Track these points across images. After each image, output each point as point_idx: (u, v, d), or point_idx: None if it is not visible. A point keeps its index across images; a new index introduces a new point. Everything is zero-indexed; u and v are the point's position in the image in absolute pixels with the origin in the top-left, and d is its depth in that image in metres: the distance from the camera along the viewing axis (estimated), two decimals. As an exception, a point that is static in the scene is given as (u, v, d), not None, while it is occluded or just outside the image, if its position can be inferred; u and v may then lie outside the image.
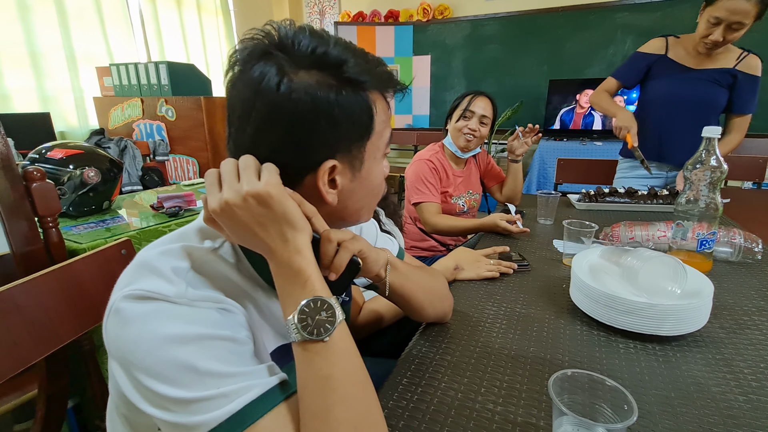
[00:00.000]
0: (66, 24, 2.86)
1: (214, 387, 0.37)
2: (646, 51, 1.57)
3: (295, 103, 0.41)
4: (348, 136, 0.44)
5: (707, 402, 0.53)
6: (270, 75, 0.41)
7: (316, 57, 0.42)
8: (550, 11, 3.49)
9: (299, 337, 0.40)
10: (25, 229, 0.95)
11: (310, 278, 0.41)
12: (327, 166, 0.44)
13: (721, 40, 1.34)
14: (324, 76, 0.42)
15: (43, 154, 1.38)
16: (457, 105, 1.44)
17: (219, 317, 0.41)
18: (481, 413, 0.51)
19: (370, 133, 0.46)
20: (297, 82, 0.41)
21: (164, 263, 0.42)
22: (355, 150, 0.46)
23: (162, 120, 2.85)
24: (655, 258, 0.70)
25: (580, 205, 1.47)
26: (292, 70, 0.41)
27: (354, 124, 0.44)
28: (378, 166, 0.50)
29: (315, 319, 0.40)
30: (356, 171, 0.47)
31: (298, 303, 0.40)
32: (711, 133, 0.87)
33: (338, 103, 0.42)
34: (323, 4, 4.39)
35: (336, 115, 0.42)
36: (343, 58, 0.43)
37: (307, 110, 0.41)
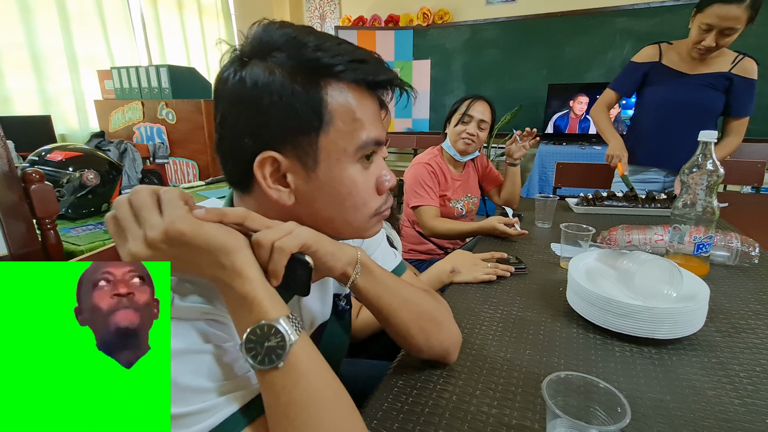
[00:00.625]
0: (68, 27, 2.87)
1: (196, 402, 0.36)
2: (640, 60, 1.58)
3: (230, 91, 0.41)
4: (283, 129, 0.41)
5: (702, 405, 0.53)
6: (225, 68, 0.42)
7: (261, 44, 0.41)
8: (549, 16, 3.51)
9: (252, 366, 0.37)
10: (23, 231, 0.95)
11: (255, 300, 0.37)
12: (262, 157, 0.41)
13: (714, 45, 1.35)
14: (267, 63, 0.41)
15: (42, 156, 1.39)
16: (456, 109, 1.45)
17: (204, 328, 0.39)
18: (476, 416, 0.51)
19: (320, 129, 0.41)
20: (240, 72, 0.41)
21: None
22: (303, 144, 0.42)
23: (162, 123, 2.86)
24: (651, 261, 0.70)
25: (578, 208, 1.47)
26: (245, 61, 0.42)
27: (289, 114, 0.40)
28: (347, 170, 0.44)
29: (264, 346, 0.37)
30: (309, 170, 0.43)
31: (244, 331, 0.37)
32: (707, 137, 0.87)
33: (269, 89, 0.40)
34: (324, 9, 4.42)
35: (264, 103, 0.40)
36: (288, 41, 0.41)
37: (236, 98, 0.41)
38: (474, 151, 1.46)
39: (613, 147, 1.55)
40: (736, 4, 1.26)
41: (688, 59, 1.48)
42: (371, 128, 0.44)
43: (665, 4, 3.12)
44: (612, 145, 1.56)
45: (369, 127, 0.44)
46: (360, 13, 4.17)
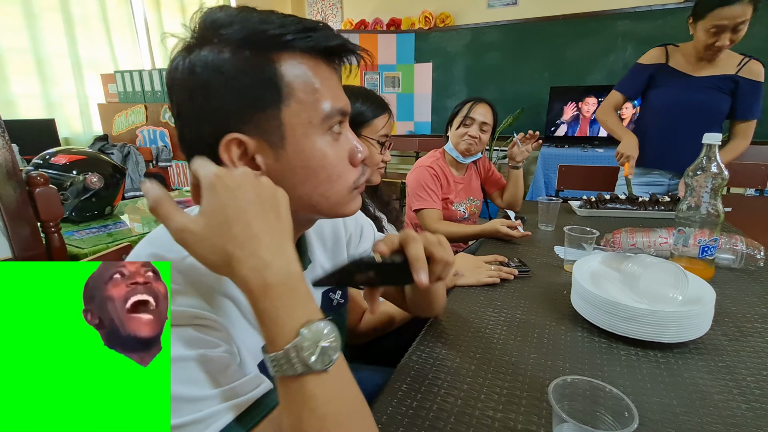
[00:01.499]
0: (72, 31, 2.90)
1: (188, 413, 0.35)
2: (647, 62, 1.58)
3: (180, 79, 0.40)
4: (241, 107, 0.39)
5: (709, 410, 0.52)
6: (175, 59, 0.41)
7: (207, 25, 0.40)
8: (550, 19, 3.52)
9: (294, 370, 0.33)
10: (27, 234, 0.96)
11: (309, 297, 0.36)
12: (226, 140, 0.39)
13: (729, 44, 1.34)
14: (214, 45, 0.39)
15: (46, 159, 1.40)
16: (458, 112, 1.45)
17: (194, 335, 0.38)
18: (481, 420, 0.51)
19: (280, 102, 0.40)
20: (187, 58, 0.39)
21: None
22: (265, 122, 0.40)
23: (165, 126, 2.88)
24: (656, 264, 0.70)
25: (581, 211, 1.47)
26: (192, 47, 0.40)
27: (243, 92, 0.39)
28: (316, 143, 0.42)
29: (319, 346, 0.34)
30: (278, 148, 0.41)
31: (298, 328, 0.34)
32: (711, 139, 0.87)
33: (218, 69, 0.38)
34: (326, 12, 4.44)
35: (215, 84, 0.38)
36: (233, 19, 0.39)
37: (187, 84, 0.39)
38: (476, 152, 1.46)
39: (625, 145, 1.51)
40: (738, 2, 1.26)
41: (694, 61, 1.47)
42: (334, 98, 0.43)
43: (667, 7, 3.12)
44: (624, 143, 1.51)
45: (331, 96, 0.43)
46: (362, 17, 4.19)
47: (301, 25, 0.40)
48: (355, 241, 0.68)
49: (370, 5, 4.19)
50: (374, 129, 0.96)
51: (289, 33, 0.39)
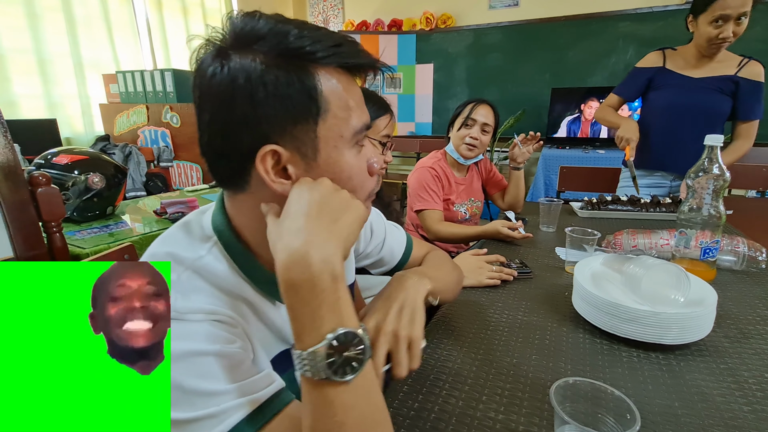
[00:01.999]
0: (74, 32, 2.90)
1: (202, 407, 0.35)
2: (645, 65, 1.58)
3: (217, 86, 0.39)
4: (282, 119, 0.40)
5: (711, 412, 0.52)
6: (205, 62, 0.40)
7: (243, 35, 0.40)
8: (552, 20, 3.52)
9: (318, 375, 0.34)
10: (29, 234, 0.96)
11: (342, 303, 0.36)
12: (264, 151, 0.39)
13: (731, 36, 1.35)
14: (252, 54, 0.39)
15: (48, 159, 1.40)
16: (459, 113, 1.45)
17: (210, 330, 0.39)
18: (483, 422, 0.51)
19: (318, 116, 0.40)
20: (226, 64, 0.39)
21: None
22: (302, 134, 0.40)
23: (167, 126, 2.88)
24: (658, 266, 0.70)
25: (582, 212, 1.46)
26: (227, 52, 0.39)
27: (286, 104, 0.39)
28: (345, 156, 0.43)
29: (343, 355, 0.34)
30: (310, 159, 0.41)
31: (325, 333, 0.34)
32: (713, 141, 0.87)
33: (262, 81, 0.38)
34: (327, 13, 4.44)
35: (259, 95, 0.38)
36: (271, 31, 0.39)
37: (227, 92, 0.39)
38: (477, 155, 1.46)
39: (624, 129, 1.49)
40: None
41: (693, 63, 1.48)
42: (362, 113, 0.44)
43: (668, 8, 3.12)
44: (623, 127, 1.50)
45: (360, 112, 0.44)
46: (363, 18, 4.19)
47: (332, 41, 0.40)
48: (364, 240, 0.69)
49: (372, 6, 4.20)
50: (375, 130, 0.96)
51: (324, 49, 0.40)
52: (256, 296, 0.46)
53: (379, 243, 0.71)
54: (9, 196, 0.91)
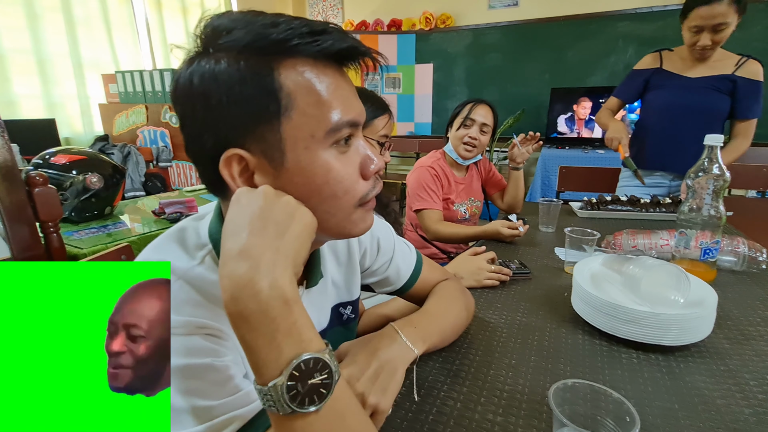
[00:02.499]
0: (73, 32, 2.90)
1: (190, 425, 0.34)
2: (642, 67, 1.60)
3: (180, 91, 0.38)
4: (242, 121, 0.37)
5: (712, 414, 0.52)
6: (180, 69, 0.39)
7: (207, 35, 0.38)
8: (551, 20, 3.52)
9: (283, 409, 0.31)
10: (26, 234, 0.95)
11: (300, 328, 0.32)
12: (227, 155, 0.37)
13: (710, 43, 1.36)
14: (214, 55, 0.37)
15: (46, 159, 1.40)
16: (458, 113, 1.45)
17: (200, 343, 0.37)
18: (481, 424, 0.50)
19: (280, 114, 0.37)
20: (189, 69, 0.37)
21: None
22: (268, 136, 0.37)
23: (166, 127, 2.88)
24: (657, 266, 0.70)
25: (582, 212, 1.46)
26: (195, 58, 0.38)
27: (244, 105, 0.36)
28: (319, 157, 0.38)
29: (308, 383, 0.31)
30: (277, 164, 0.38)
31: (284, 363, 0.31)
32: (713, 141, 0.86)
33: (216, 81, 0.36)
34: (326, 13, 4.44)
35: (214, 96, 0.36)
36: (225, 27, 0.37)
37: (186, 96, 0.38)
38: (476, 155, 1.45)
39: (612, 130, 1.52)
40: (716, 2, 1.28)
41: (690, 63, 1.48)
42: (344, 108, 0.39)
43: (668, 8, 3.12)
44: (611, 128, 1.53)
45: (340, 107, 0.39)
46: (363, 18, 4.19)
47: (309, 28, 0.36)
48: (371, 256, 0.65)
49: (371, 6, 4.19)
50: (374, 129, 0.96)
51: (296, 37, 0.35)
52: None
53: (386, 261, 0.67)
54: (6, 196, 0.91)
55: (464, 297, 0.70)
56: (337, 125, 0.38)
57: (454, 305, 0.66)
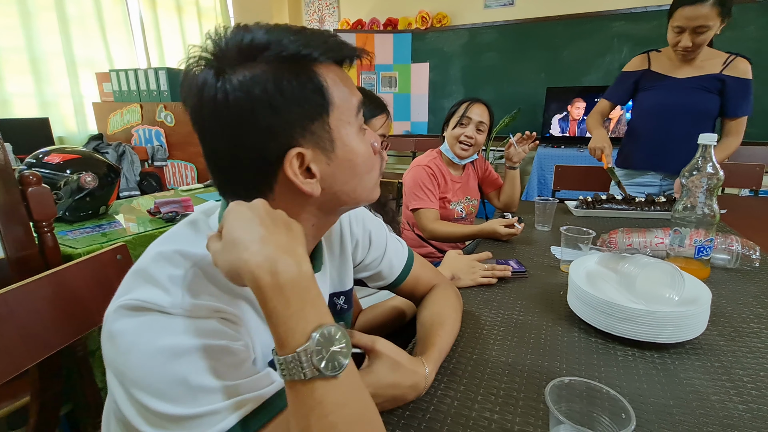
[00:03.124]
0: (67, 30, 2.87)
1: (206, 403, 0.35)
2: (630, 69, 1.61)
3: (233, 103, 0.40)
4: (301, 120, 0.42)
5: (706, 411, 0.52)
6: (209, 80, 0.40)
7: (243, 49, 0.40)
8: (547, 20, 3.53)
9: (311, 372, 0.33)
10: (20, 234, 0.94)
11: (321, 301, 0.36)
12: (291, 155, 0.41)
13: (691, 45, 1.37)
14: (258, 66, 0.40)
15: (40, 158, 1.38)
16: (454, 112, 1.45)
17: (216, 326, 0.39)
18: (478, 422, 0.51)
19: (328, 109, 0.43)
20: (233, 81, 0.40)
21: (160, 270, 0.40)
22: (319, 130, 0.43)
23: (161, 126, 2.86)
24: (652, 265, 0.70)
25: (577, 211, 1.47)
26: (228, 70, 0.40)
27: (303, 105, 0.41)
28: (354, 138, 0.46)
29: (330, 351, 0.34)
30: (329, 152, 0.44)
31: (310, 331, 0.34)
32: (707, 140, 0.87)
33: (278, 89, 0.40)
34: (323, 12, 4.43)
35: (278, 103, 0.40)
36: (271, 40, 0.40)
37: (246, 107, 0.40)
38: (472, 154, 1.46)
39: (594, 140, 1.55)
40: (700, 3, 1.29)
41: (678, 64, 1.49)
42: (355, 93, 0.47)
43: (662, 8, 3.13)
44: (593, 138, 1.56)
45: (354, 94, 0.47)
46: (359, 17, 4.18)
47: (321, 39, 0.43)
48: (363, 249, 0.67)
49: (367, 5, 4.19)
50: (372, 129, 0.96)
51: (317, 47, 0.42)
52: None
53: (378, 256, 0.69)
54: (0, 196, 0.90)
55: (460, 304, 0.73)
56: (358, 108, 0.47)
57: (457, 320, 0.69)
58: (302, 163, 0.43)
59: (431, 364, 0.56)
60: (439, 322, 0.65)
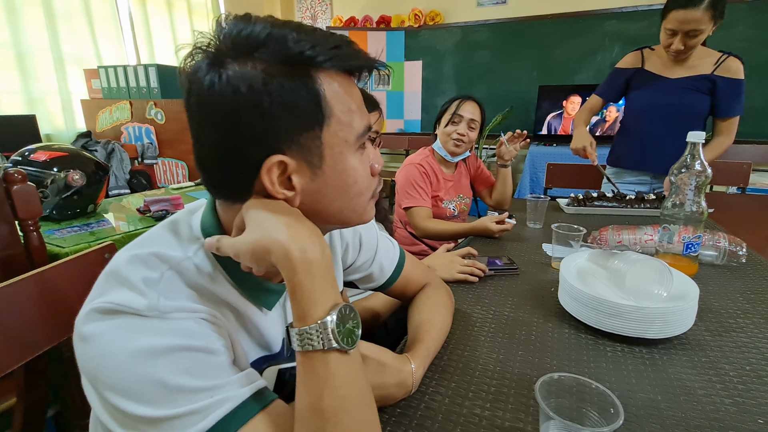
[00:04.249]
0: (54, 26, 2.82)
1: (185, 403, 0.35)
2: (623, 66, 1.61)
3: (219, 97, 0.37)
4: (289, 128, 0.39)
5: (693, 405, 0.53)
6: (201, 70, 0.38)
7: (239, 41, 0.38)
8: (539, 18, 3.54)
9: (328, 344, 0.36)
10: (4, 233, 0.93)
11: (335, 283, 0.39)
12: (270, 162, 0.39)
13: (683, 47, 1.38)
14: (252, 62, 0.37)
15: (26, 156, 1.36)
16: (446, 109, 1.45)
17: (193, 326, 0.38)
18: (469, 418, 0.51)
19: (322, 122, 0.40)
20: (224, 74, 0.37)
21: (134, 273, 0.39)
22: (308, 142, 0.40)
23: (151, 123, 2.82)
24: (641, 261, 0.71)
25: (568, 209, 1.48)
26: (223, 61, 0.38)
27: (293, 112, 0.38)
28: (349, 160, 0.43)
29: (345, 327, 0.37)
30: (316, 167, 0.41)
31: (330, 306, 0.37)
32: (695, 138, 0.88)
33: (267, 90, 0.37)
34: (315, 9, 4.40)
35: (265, 105, 0.37)
36: (271, 36, 0.37)
37: (230, 104, 0.37)
38: (464, 152, 1.46)
39: (574, 140, 1.57)
40: (693, 7, 1.29)
41: (670, 63, 1.50)
42: (363, 115, 0.44)
43: (653, 7, 3.17)
44: (574, 139, 1.58)
45: (361, 114, 0.43)
46: (351, 14, 4.16)
47: (331, 43, 0.39)
48: (353, 252, 0.66)
49: (360, 2, 4.17)
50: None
51: (324, 52, 0.38)
52: (242, 301, 0.46)
53: (369, 258, 0.68)
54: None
55: (451, 302, 0.73)
56: (363, 131, 0.44)
57: (448, 317, 0.69)
58: (284, 172, 0.40)
59: (417, 360, 0.55)
60: (427, 319, 0.65)
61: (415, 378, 0.53)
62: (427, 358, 0.58)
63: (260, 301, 0.47)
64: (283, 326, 0.52)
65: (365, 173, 0.45)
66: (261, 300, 0.47)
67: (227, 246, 0.40)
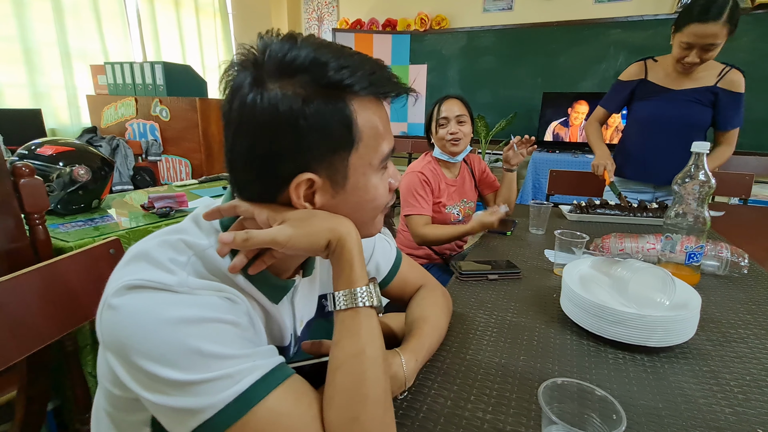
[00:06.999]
0: (62, 20, 2.83)
1: (217, 369, 0.37)
2: (627, 78, 1.62)
3: (260, 114, 0.40)
4: (320, 149, 0.42)
5: (694, 414, 0.53)
6: (245, 86, 0.41)
7: (284, 64, 0.40)
8: (544, 25, 3.56)
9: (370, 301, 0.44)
10: (11, 226, 0.93)
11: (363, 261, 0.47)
12: (300, 179, 0.42)
13: (698, 61, 1.37)
14: (293, 84, 0.40)
15: (32, 150, 1.36)
16: (431, 117, 1.48)
17: (221, 303, 0.41)
18: (471, 422, 0.51)
19: (351, 146, 0.43)
20: (266, 93, 0.40)
21: (163, 254, 0.41)
22: (337, 163, 0.43)
23: (156, 120, 2.83)
24: (644, 269, 0.71)
25: (571, 216, 1.48)
26: (266, 80, 0.40)
27: (326, 135, 0.42)
28: (370, 180, 0.46)
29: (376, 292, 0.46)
30: (338, 186, 0.45)
31: (367, 276, 0.46)
32: (700, 148, 0.88)
33: (304, 113, 0.40)
34: (322, 11, 4.42)
35: (301, 126, 0.40)
36: (315, 62, 0.40)
37: (269, 122, 0.40)
38: (464, 147, 1.45)
39: (598, 156, 1.59)
40: (713, 21, 1.28)
41: (674, 75, 1.50)
42: (390, 139, 0.47)
43: (658, 17, 3.18)
44: (597, 155, 1.61)
45: (388, 138, 0.47)
46: (358, 17, 4.18)
47: (368, 70, 0.42)
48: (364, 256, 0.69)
49: (367, 5, 4.19)
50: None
51: (361, 80, 0.41)
52: (255, 291, 0.48)
53: (366, 256, 0.68)
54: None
55: (447, 303, 0.73)
56: (387, 155, 0.47)
57: (442, 316, 0.69)
58: (310, 188, 0.44)
59: (407, 353, 0.56)
60: (421, 317, 0.65)
61: (407, 371, 0.54)
62: (419, 352, 0.58)
63: (269, 295, 0.50)
64: (291, 321, 0.54)
65: (384, 191, 0.49)
66: (270, 294, 0.50)
67: (261, 236, 0.42)
